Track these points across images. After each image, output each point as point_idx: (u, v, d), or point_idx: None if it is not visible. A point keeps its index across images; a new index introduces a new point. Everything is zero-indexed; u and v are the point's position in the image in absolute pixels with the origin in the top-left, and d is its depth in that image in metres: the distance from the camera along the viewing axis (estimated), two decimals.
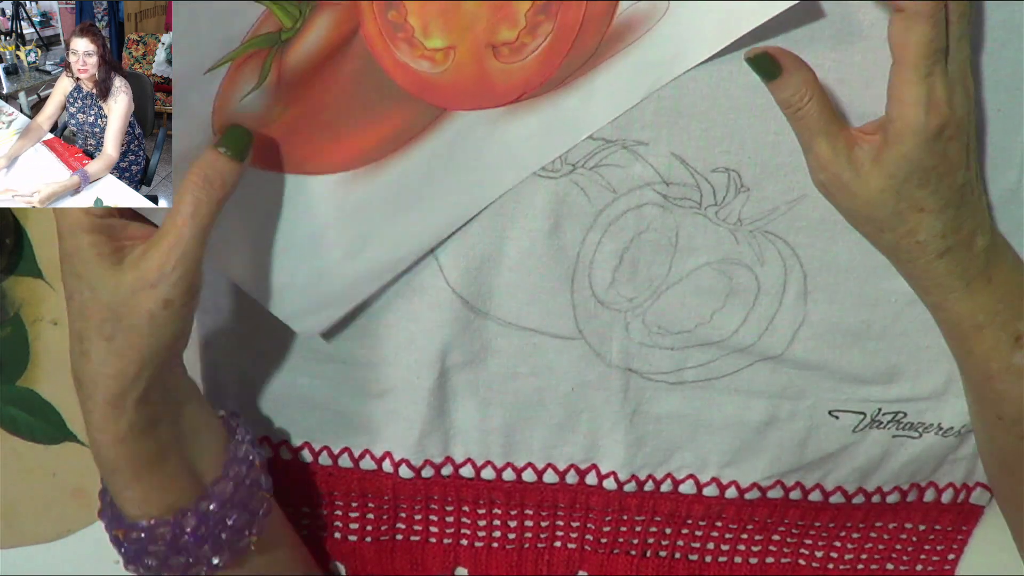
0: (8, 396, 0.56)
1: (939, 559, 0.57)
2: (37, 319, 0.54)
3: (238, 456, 0.47)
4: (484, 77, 0.45)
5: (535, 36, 0.44)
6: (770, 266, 0.49)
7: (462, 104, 0.45)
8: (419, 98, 0.45)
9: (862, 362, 0.50)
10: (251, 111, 0.43)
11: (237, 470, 0.47)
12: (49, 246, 0.53)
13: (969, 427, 0.52)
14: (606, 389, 0.52)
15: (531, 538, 0.57)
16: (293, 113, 0.44)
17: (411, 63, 0.44)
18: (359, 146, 0.46)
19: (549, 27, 0.44)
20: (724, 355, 0.51)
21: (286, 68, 0.43)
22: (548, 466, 0.54)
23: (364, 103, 0.45)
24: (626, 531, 0.56)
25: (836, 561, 0.57)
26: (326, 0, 0.42)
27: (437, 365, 0.51)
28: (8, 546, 0.59)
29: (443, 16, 0.43)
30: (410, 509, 0.56)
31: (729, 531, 0.56)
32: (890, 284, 0.49)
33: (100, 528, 0.57)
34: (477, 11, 0.43)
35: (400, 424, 0.53)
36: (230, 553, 0.46)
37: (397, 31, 0.43)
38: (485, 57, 0.44)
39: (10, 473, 0.57)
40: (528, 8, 0.43)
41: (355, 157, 0.46)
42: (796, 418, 0.52)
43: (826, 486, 0.54)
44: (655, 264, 0.49)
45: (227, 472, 0.46)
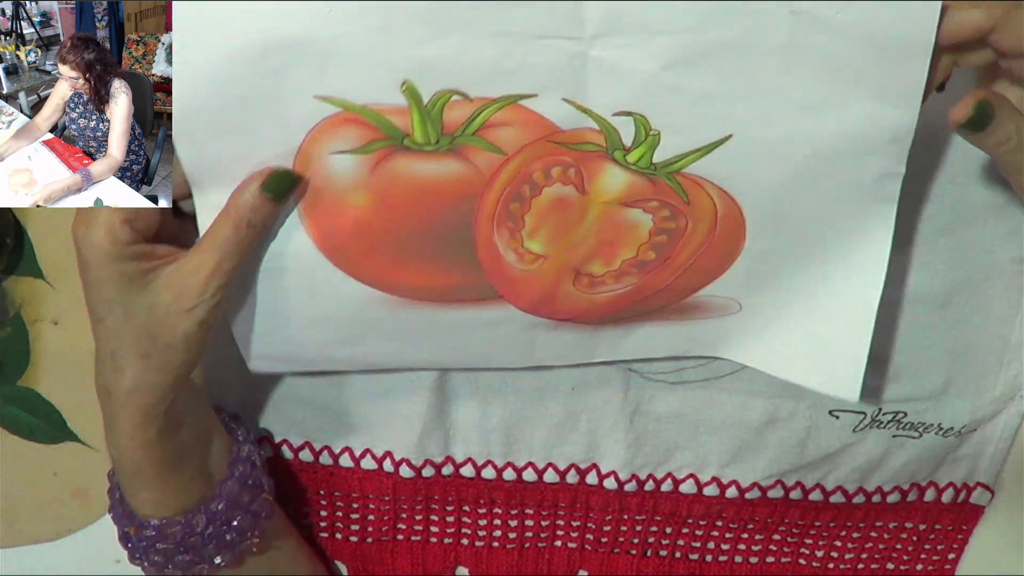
0: (8, 396, 0.56)
1: (939, 559, 0.57)
2: (37, 319, 0.54)
3: (241, 456, 0.48)
4: (552, 293, 0.45)
5: (618, 282, 0.44)
6: None
7: (517, 303, 0.45)
8: (487, 277, 0.44)
9: None
10: (338, 173, 0.40)
11: (242, 470, 0.47)
12: (49, 246, 0.53)
13: (969, 427, 0.52)
14: (606, 389, 0.52)
15: (531, 537, 0.57)
16: (371, 215, 0.42)
17: (501, 249, 0.43)
18: (411, 281, 0.44)
19: (634, 280, 0.44)
20: None
21: (389, 166, 0.40)
22: (548, 466, 0.54)
23: (438, 251, 0.43)
24: (626, 530, 0.56)
25: (836, 561, 0.57)
26: (466, 151, 0.40)
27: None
28: (8, 546, 0.59)
29: (556, 227, 0.43)
30: (411, 509, 0.56)
31: (729, 531, 0.56)
32: (890, 284, 0.49)
33: (100, 528, 0.58)
34: (586, 238, 0.43)
35: (401, 424, 0.53)
36: (233, 554, 0.46)
37: (509, 219, 0.42)
38: (565, 278, 0.44)
39: (10, 473, 0.57)
40: (630, 257, 0.43)
41: (401, 287, 0.44)
42: (796, 418, 0.52)
43: (826, 486, 0.54)
44: None
45: (232, 472, 0.47)
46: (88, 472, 0.57)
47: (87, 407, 0.55)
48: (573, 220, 0.43)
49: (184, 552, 0.45)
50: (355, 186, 0.41)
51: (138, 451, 0.42)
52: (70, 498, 0.58)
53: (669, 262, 0.44)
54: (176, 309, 0.40)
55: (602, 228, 0.43)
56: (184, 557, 0.45)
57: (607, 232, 0.43)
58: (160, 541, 0.44)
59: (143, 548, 0.45)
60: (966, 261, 0.48)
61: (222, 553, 0.46)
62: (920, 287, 0.49)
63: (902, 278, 0.49)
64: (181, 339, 0.41)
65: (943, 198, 0.47)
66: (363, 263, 0.43)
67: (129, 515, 0.45)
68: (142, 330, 0.40)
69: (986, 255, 0.48)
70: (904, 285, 0.49)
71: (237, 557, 0.47)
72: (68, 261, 0.53)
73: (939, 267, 0.48)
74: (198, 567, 0.46)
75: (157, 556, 0.45)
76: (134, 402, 0.41)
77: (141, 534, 0.44)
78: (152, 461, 0.43)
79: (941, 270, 0.48)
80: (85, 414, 0.56)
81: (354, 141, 0.40)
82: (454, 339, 0.47)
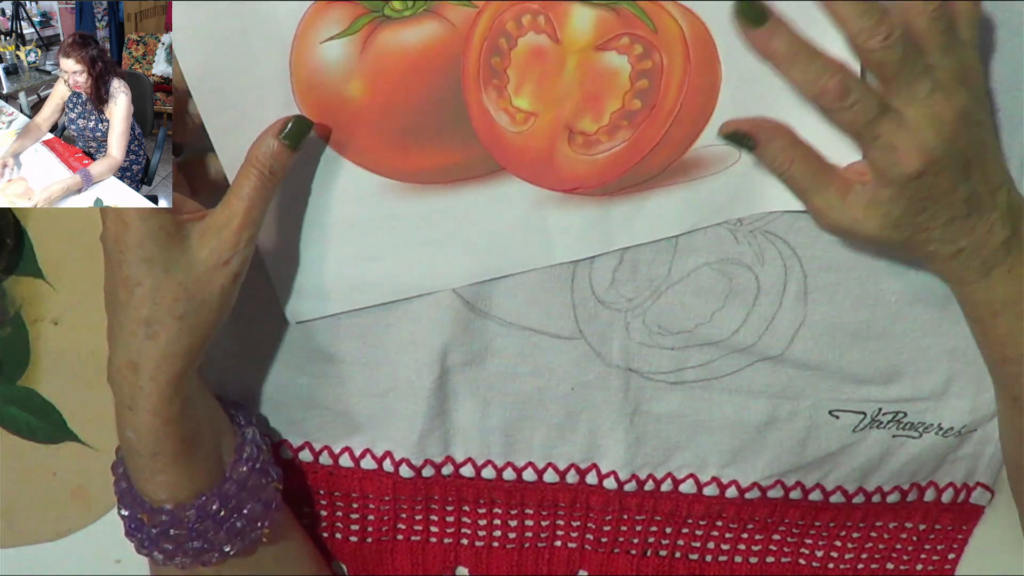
0: (8, 396, 0.56)
1: (939, 559, 0.57)
2: (37, 319, 0.54)
3: (247, 439, 0.48)
4: (550, 156, 0.46)
5: (612, 138, 0.45)
6: (770, 266, 0.49)
7: (520, 172, 0.46)
8: (486, 147, 0.46)
9: (862, 362, 0.50)
10: (331, 60, 0.43)
11: (249, 451, 0.48)
12: (49, 246, 0.53)
13: (969, 427, 0.52)
14: (606, 389, 0.52)
15: (531, 537, 0.57)
16: (368, 101, 0.44)
17: (492, 111, 0.45)
18: (416, 163, 0.46)
19: (627, 135, 0.45)
20: (724, 355, 0.51)
21: (377, 42, 0.43)
22: (548, 466, 0.54)
23: (436, 126, 0.45)
24: (626, 530, 0.56)
25: (836, 561, 0.57)
26: (441, 9, 0.43)
27: (437, 365, 0.51)
28: (8, 546, 0.59)
29: (539, 81, 0.44)
30: (410, 509, 0.56)
31: (729, 531, 0.56)
32: (890, 284, 0.49)
33: (100, 528, 0.58)
34: (570, 90, 0.44)
35: (401, 424, 0.53)
36: (242, 543, 0.47)
37: (493, 76, 0.44)
38: (559, 138, 0.45)
39: (10, 473, 0.57)
40: (616, 109, 0.45)
41: (407, 171, 0.46)
42: (796, 418, 0.52)
43: (826, 486, 0.54)
44: (655, 264, 0.49)
45: (240, 455, 0.47)
46: (88, 472, 0.57)
47: (87, 407, 0.56)
48: (553, 71, 0.44)
49: (195, 539, 0.45)
50: (349, 74, 0.44)
51: (161, 428, 0.43)
52: (70, 498, 0.58)
53: (657, 110, 0.45)
54: (213, 263, 0.42)
55: (583, 79, 0.44)
56: (195, 544, 0.45)
57: (589, 83, 0.44)
58: (173, 527, 0.45)
59: (155, 536, 0.45)
60: None
61: (232, 541, 0.46)
62: (920, 287, 0.49)
63: (902, 278, 0.49)
64: (217, 295, 0.42)
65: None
66: (368, 151, 0.46)
67: (140, 503, 0.45)
68: (180, 289, 0.42)
69: None
70: (904, 285, 0.49)
71: (247, 546, 0.47)
72: (68, 261, 0.53)
73: None
74: (207, 555, 0.46)
75: (168, 544, 0.45)
76: (164, 372, 0.42)
77: (155, 520, 0.45)
78: (173, 439, 0.43)
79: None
80: (85, 414, 0.56)
81: (341, 22, 0.43)
82: (469, 231, 0.48)
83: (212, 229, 0.42)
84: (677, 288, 0.50)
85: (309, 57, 0.43)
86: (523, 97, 0.45)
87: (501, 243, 0.48)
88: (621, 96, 0.44)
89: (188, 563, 0.46)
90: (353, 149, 0.46)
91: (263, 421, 0.54)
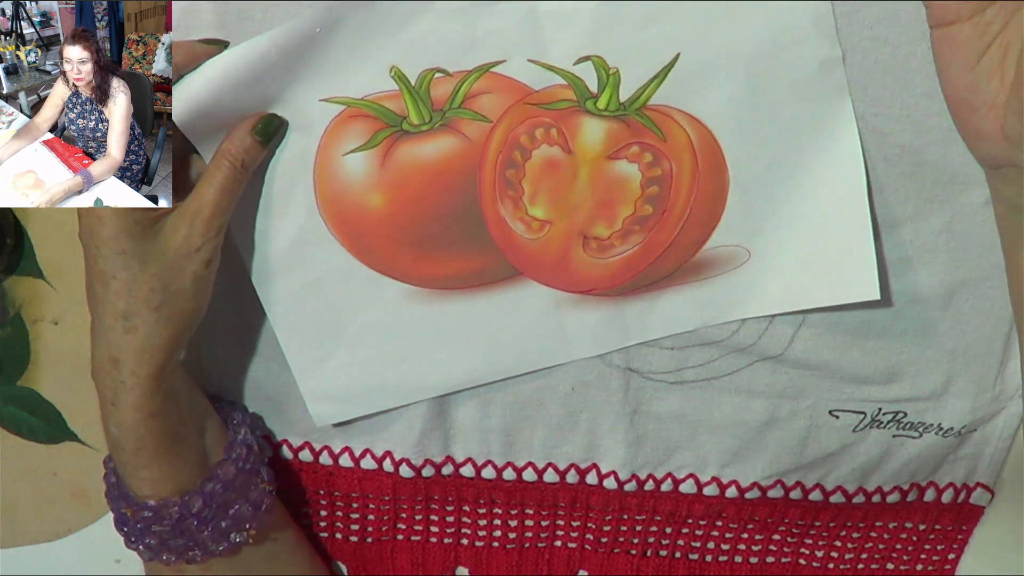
0: (8, 396, 0.56)
1: (939, 559, 0.57)
2: (37, 319, 0.54)
3: (238, 440, 0.48)
4: (566, 261, 0.47)
5: (625, 242, 0.46)
6: None
7: (537, 276, 0.48)
8: (503, 254, 0.47)
9: (862, 362, 0.50)
10: (353, 173, 0.45)
11: (239, 452, 0.48)
12: (49, 246, 0.53)
13: (969, 427, 0.52)
14: (606, 389, 0.52)
15: (531, 537, 0.57)
16: (389, 212, 0.46)
17: (509, 220, 0.46)
18: (436, 270, 0.48)
19: (640, 239, 0.46)
20: (724, 355, 0.51)
21: (396, 156, 0.45)
22: (548, 465, 0.54)
23: (455, 236, 0.47)
24: (626, 530, 0.56)
25: (836, 561, 0.57)
26: (457, 124, 0.44)
27: None
28: (8, 546, 0.59)
29: (553, 191, 0.45)
30: (410, 509, 0.56)
31: (729, 530, 0.56)
32: (890, 284, 0.49)
33: (100, 528, 0.58)
34: (583, 198, 0.45)
35: (400, 424, 0.53)
36: (227, 543, 0.47)
37: (508, 188, 0.45)
38: (574, 244, 0.47)
39: (10, 473, 0.57)
40: (629, 214, 0.46)
41: (428, 277, 0.48)
42: (796, 418, 0.52)
43: (826, 486, 0.54)
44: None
45: (229, 454, 0.48)
46: (88, 472, 0.57)
47: (87, 407, 0.56)
48: (567, 180, 0.45)
49: (179, 536, 0.46)
50: (370, 186, 0.45)
51: (142, 424, 0.43)
52: (70, 498, 0.58)
53: (667, 214, 0.46)
54: (185, 251, 0.43)
55: (596, 187, 0.45)
56: (178, 542, 0.46)
57: (602, 191, 0.45)
58: (156, 523, 0.45)
59: (139, 531, 0.45)
60: (966, 261, 0.48)
61: (217, 540, 0.47)
62: (920, 287, 0.49)
63: (902, 278, 0.49)
64: (191, 282, 0.43)
65: (944, 200, 0.47)
66: (390, 260, 0.47)
67: (126, 496, 0.45)
68: (155, 280, 0.42)
69: (986, 255, 0.48)
70: (904, 285, 0.49)
71: (232, 546, 0.47)
72: (68, 261, 0.53)
73: (939, 267, 0.48)
74: (192, 552, 0.46)
75: (152, 539, 0.46)
76: (145, 366, 0.43)
77: (138, 515, 0.45)
78: (154, 435, 0.44)
79: (941, 270, 0.48)
80: (85, 414, 0.56)
81: (361, 136, 0.44)
82: (490, 333, 0.49)
83: (184, 217, 0.43)
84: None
85: (333, 171, 0.45)
86: (538, 206, 0.46)
87: (521, 343, 0.49)
88: (633, 202, 0.46)
89: (173, 560, 0.46)
90: (375, 257, 0.47)
91: (259, 421, 0.54)
